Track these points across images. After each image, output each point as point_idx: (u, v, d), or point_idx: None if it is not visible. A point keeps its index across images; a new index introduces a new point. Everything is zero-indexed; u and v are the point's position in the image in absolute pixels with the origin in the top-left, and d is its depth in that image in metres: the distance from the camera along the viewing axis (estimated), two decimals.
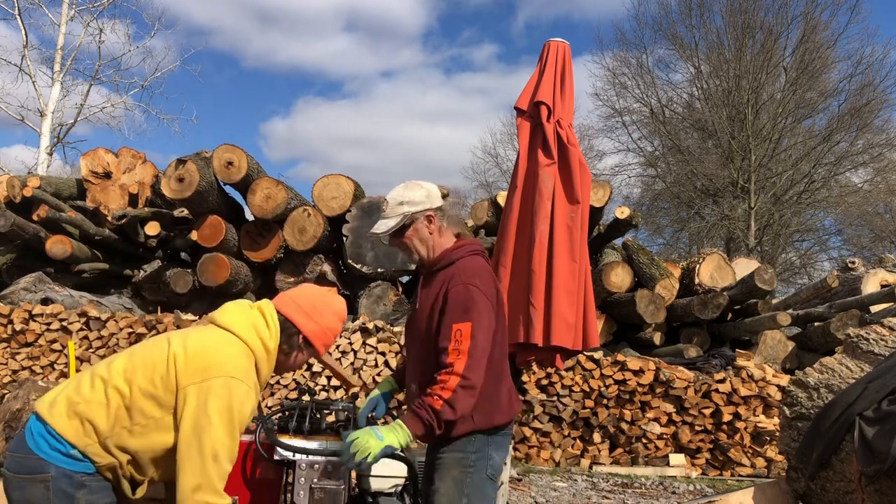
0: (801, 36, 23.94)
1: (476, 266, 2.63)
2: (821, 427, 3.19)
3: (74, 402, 2.04)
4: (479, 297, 2.52)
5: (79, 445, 2.00)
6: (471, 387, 2.42)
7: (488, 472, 2.63)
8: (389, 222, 2.64)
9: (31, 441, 2.01)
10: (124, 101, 20.48)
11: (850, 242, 25.84)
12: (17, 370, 7.61)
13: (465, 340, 2.44)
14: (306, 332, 2.31)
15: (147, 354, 2.11)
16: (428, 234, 2.66)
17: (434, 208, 2.66)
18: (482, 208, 9.62)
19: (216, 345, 2.12)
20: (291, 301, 2.34)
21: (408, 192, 2.65)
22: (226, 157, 8.82)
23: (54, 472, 1.98)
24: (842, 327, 8.24)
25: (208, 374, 2.05)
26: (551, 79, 4.15)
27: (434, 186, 2.74)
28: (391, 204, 2.65)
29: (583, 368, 7.30)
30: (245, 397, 2.08)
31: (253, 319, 2.22)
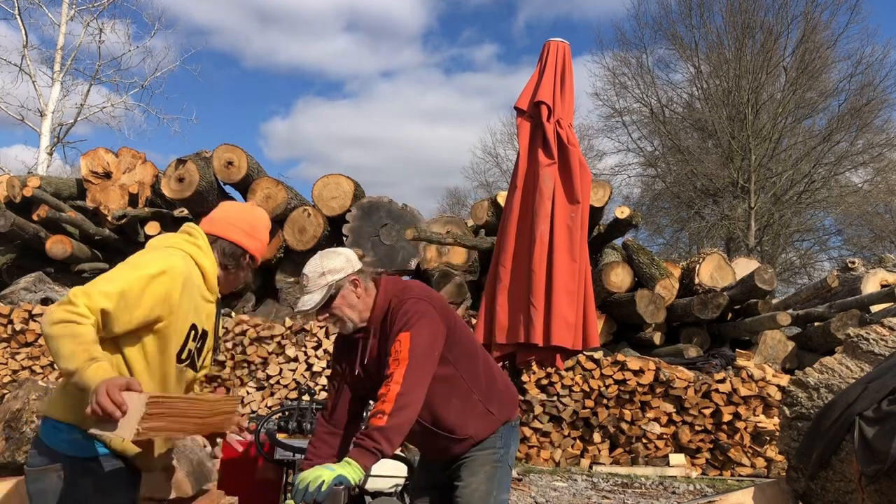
0: (801, 36, 23.94)
1: (410, 284, 2.63)
2: (821, 427, 3.19)
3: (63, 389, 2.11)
4: (417, 306, 2.49)
5: (76, 422, 2.03)
6: (410, 395, 2.34)
7: (510, 462, 2.71)
8: (315, 297, 2.54)
9: (42, 435, 2.11)
10: (124, 101, 20.50)
11: (850, 242, 25.84)
12: (17, 370, 7.61)
13: (403, 349, 2.40)
14: (253, 251, 2.40)
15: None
16: (356, 298, 2.59)
17: (356, 271, 2.59)
18: (482, 208, 9.61)
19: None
20: (229, 224, 2.36)
21: (327, 262, 2.57)
22: (226, 156, 8.82)
23: (64, 461, 2.05)
24: (842, 327, 8.23)
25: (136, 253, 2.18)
26: (551, 79, 4.15)
27: (350, 251, 2.68)
28: (312, 278, 2.55)
29: (583, 368, 7.30)
30: (157, 252, 2.16)
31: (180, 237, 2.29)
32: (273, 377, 7.39)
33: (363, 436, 2.29)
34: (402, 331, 2.43)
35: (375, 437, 2.25)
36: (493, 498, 2.62)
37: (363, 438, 2.28)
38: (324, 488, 2.17)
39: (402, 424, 2.31)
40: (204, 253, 2.28)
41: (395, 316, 2.51)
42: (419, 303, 2.51)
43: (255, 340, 7.55)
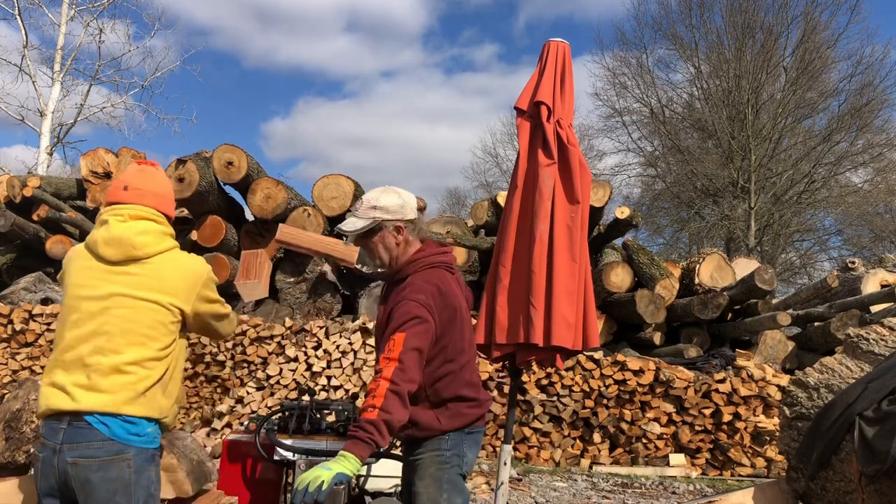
0: (801, 36, 23.94)
1: (425, 280, 2.61)
2: (821, 427, 3.19)
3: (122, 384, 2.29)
4: (416, 309, 2.51)
5: (153, 415, 2.34)
6: (398, 392, 2.38)
7: (464, 468, 2.68)
8: (358, 223, 2.65)
9: (105, 430, 2.26)
10: (124, 101, 20.51)
11: (850, 242, 25.84)
12: (17, 370, 7.61)
13: (396, 348, 2.44)
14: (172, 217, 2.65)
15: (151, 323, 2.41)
16: (394, 244, 2.65)
17: (405, 220, 2.64)
18: (482, 208, 9.61)
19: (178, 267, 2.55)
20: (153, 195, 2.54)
21: (383, 198, 2.64)
22: (226, 157, 8.82)
23: (134, 452, 2.28)
24: (842, 327, 8.24)
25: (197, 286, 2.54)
26: (551, 79, 4.14)
27: (412, 197, 2.72)
28: (364, 205, 2.64)
29: (583, 368, 7.30)
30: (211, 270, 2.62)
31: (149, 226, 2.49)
32: (273, 377, 7.39)
33: (356, 427, 2.33)
34: (399, 330, 2.46)
35: (368, 428, 2.31)
36: (442, 499, 2.60)
37: (356, 430, 2.32)
38: (324, 487, 2.19)
39: (391, 419, 2.35)
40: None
41: (403, 295, 2.55)
42: (421, 308, 2.52)
43: (255, 340, 7.55)
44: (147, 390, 2.32)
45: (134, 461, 2.28)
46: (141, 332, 2.34)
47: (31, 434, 4.66)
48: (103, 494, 2.24)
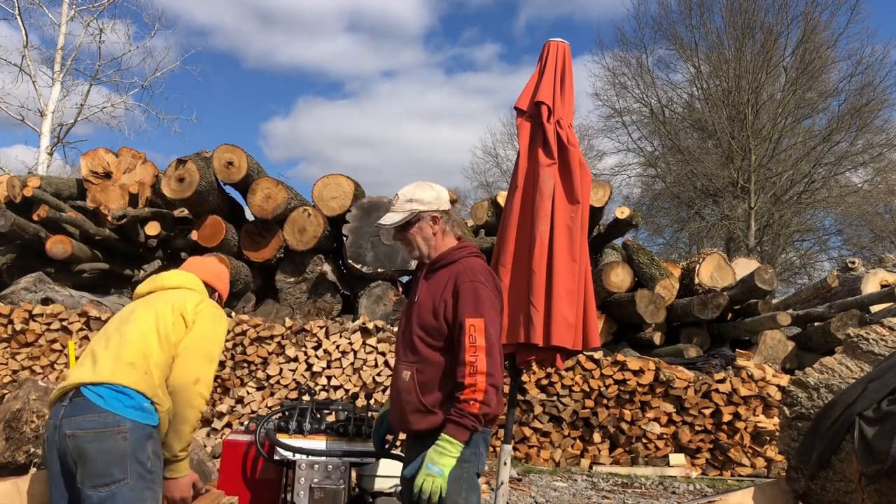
0: (801, 36, 23.93)
1: (480, 266, 2.73)
2: (821, 427, 3.19)
3: (130, 362, 2.44)
4: (488, 296, 2.63)
5: (148, 394, 2.42)
6: (496, 385, 2.54)
7: (479, 467, 2.72)
8: (395, 216, 2.76)
9: (101, 402, 2.35)
10: (124, 101, 20.50)
11: (850, 242, 25.83)
12: (17, 370, 7.61)
13: (479, 337, 2.54)
14: (222, 292, 3.06)
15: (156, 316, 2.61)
16: (431, 233, 2.77)
17: (441, 210, 2.78)
18: (482, 208, 9.61)
19: (195, 293, 2.79)
20: (206, 271, 3.00)
21: (418, 191, 2.78)
22: (226, 157, 8.82)
23: (130, 425, 2.35)
24: (842, 327, 8.24)
25: (201, 305, 2.68)
26: (551, 79, 4.14)
27: (444, 190, 2.85)
28: (401, 199, 2.77)
29: (583, 368, 7.30)
30: (221, 319, 2.74)
31: (191, 278, 2.90)
32: (273, 377, 7.38)
33: (459, 413, 2.50)
34: (477, 316, 2.56)
35: (471, 419, 2.50)
36: (461, 498, 2.63)
37: (461, 416, 2.50)
38: (444, 494, 2.48)
39: (489, 412, 2.53)
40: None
41: (463, 282, 2.63)
42: (490, 294, 2.65)
43: (255, 340, 7.54)
44: (153, 368, 2.46)
45: (130, 434, 2.34)
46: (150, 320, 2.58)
47: (31, 434, 4.66)
48: (98, 466, 2.29)
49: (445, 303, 2.63)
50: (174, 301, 2.67)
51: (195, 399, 2.51)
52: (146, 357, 2.46)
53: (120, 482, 2.29)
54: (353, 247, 8.81)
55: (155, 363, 2.48)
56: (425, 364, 2.63)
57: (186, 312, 2.63)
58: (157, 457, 2.44)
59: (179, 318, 2.61)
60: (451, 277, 2.67)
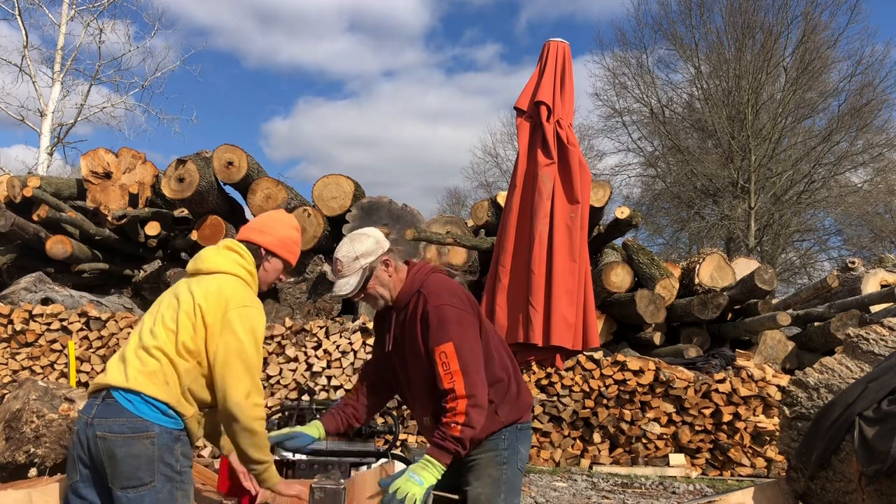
0: (801, 36, 23.92)
1: (438, 283, 2.69)
2: (821, 427, 3.19)
3: (148, 372, 2.41)
4: (451, 313, 2.58)
5: (171, 402, 2.40)
6: (478, 404, 2.50)
7: (519, 465, 2.72)
8: (351, 280, 2.67)
9: (131, 407, 2.38)
10: (124, 101, 20.50)
11: (850, 242, 25.83)
12: (17, 370, 7.61)
13: (451, 361, 2.49)
14: (265, 245, 2.67)
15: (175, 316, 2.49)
16: (388, 277, 2.71)
17: (386, 251, 2.72)
18: (482, 208, 9.61)
19: (220, 286, 2.53)
20: (247, 228, 2.73)
21: (358, 246, 2.68)
22: (226, 157, 8.82)
23: (158, 430, 2.38)
24: (842, 327, 8.23)
25: (228, 308, 2.47)
26: (551, 79, 4.15)
27: (377, 230, 2.79)
28: (346, 262, 2.67)
29: (583, 368, 7.30)
30: (258, 317, 2.53)
31: (229, 255, 2.62)
32: (273, 377, 7.39)
33: (442, 437, 2.47)
34: (444, 341, 2.52)
35: (454, 442, 2.47)
36: (500, 500, 2.63)
37: (443, 440, 2.47)
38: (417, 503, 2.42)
39: (475, 434, 2.51)
40: (253, 277, 2.64)
41: (426, 310, 2.60)
42: (454, 310, 2.59)
43: None
44: (169, 377, 2.43)
45: (158, 439, 2.37)
46: (170, 324, 2.48)
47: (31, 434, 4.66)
48: (126, 469, 2.35)
49: (423, 336, 2.60)
50: (197, 299, 2.49)
51: (254, 411, 2.45)
52: (164, 367, 2.43)
53: (147, 485, 2.36)
54: None
55: (173, 373, 2.44)
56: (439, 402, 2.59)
57: (207, 315, 2.47)
58: (187, 457, 2.47)
59: (200, 323, 2.46)
60: (416, 307, 2.64)
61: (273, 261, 2.69)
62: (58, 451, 4.62)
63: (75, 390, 5.14)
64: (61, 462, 4.60)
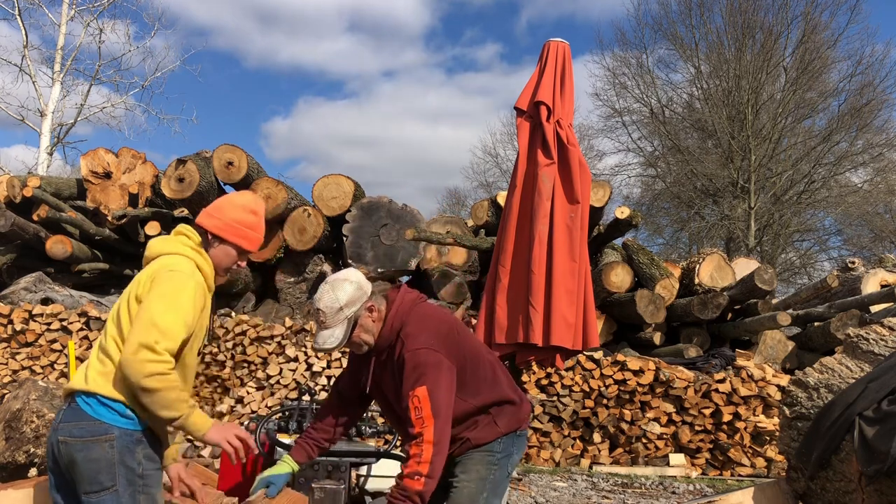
0: (801, 36, 23.92)
1: (418, 322, 2.62)
2: (821, 427, 3.19)
3: (105, 373, 2.33)
4: (426, 357, 2.52)
5: (128, 402, 2.31)
6: (441, 451, 2.46)
7: (509, 469, 2.72)
8: (336, 332, 2.57)
9: (90, 410, 2.31)
10: (124, 101, 20.50)
11: (850, 242, 25.82)
12: (17, 370, 7.61)
13: (424, 406, 2.45)
14: (209, 228, 2.51)
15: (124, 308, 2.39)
16: (371, 323, 2.61)
17: (369, 297, 2.61)
18: (482, 208, 9.61)
19: (156, 267, 2.42)
20: (202, 211, 2.57)
21: (342, 295, 2.56)
22: (226, 157, 8.82)
23: (117, 433, 2.30)
24: (842, 327, 8.23)
25: (155, 276, 2.37)
26: (551, 79, 4.15)
27: (356, 272, 2.67)
28: (329, 313, 2.55)
29: (583, 368, 7.30)
30: (185, 285, 2.35)
31: (173, 238, 2.52)
32: (273, 377, 7.39)
33: (404, 496, 2.39)
34: (417, 385, 2.47)
35: (415, 500, 2.39)
36: (482, 498, 2.62)
37: (404, 497, 2.39)
38: None
39: (435, 480, 2.45)
40: (203, 256, 2.49)
41: (402, 355, 2.54)
42: (429, 353, 2.53)
43: (255, 340, 7.55)
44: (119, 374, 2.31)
45: (117, 441, 2.30)
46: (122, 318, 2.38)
47: (31, 434, 4.66)
48: (87, 473, 2.29)
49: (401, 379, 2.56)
50: (134, 287, 2.40)
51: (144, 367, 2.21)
52: (115, 367, 2.32)
53: (108, 489, 2.29)
54: (353, 247, 8.81)
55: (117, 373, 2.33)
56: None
57: (141, 296, 2.34)
58: (151, 459, 2.38)
59: (136, 307, 2.34)
60: (395, 351, 2.59)
61: (221, 246, 2.52)
62: None
63: None
64: None
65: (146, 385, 2.22)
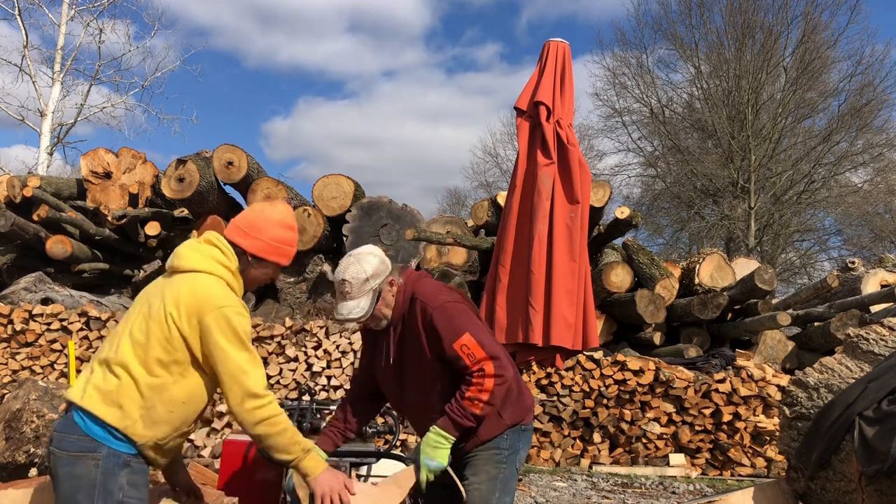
0: (801, 36, 23.93)
1: (430, 287, 2.68)
2: (821, 427, 3.19)
3: (105, 391, 2.25)
4: (453, 309, 2.59)
5: (120, 427, 2.22)
6: (505, 383, 2.53)
7: (517, 465, 2.73)
8: (362, 303, 2.59)
9: (82, 424, 2.23)
10: (124, 101, 20.50)
11: (850, 242, 25.83)
12: (17, 370, 7.60)
13: (476, 350, 2.49)
14: (250, 250, 2.44)
15: (145, 327, 2.31)
16: (391, 297, 2.65)
17: (391, 271, 2.66)
18: (482, 208, 9.61)
19: (194, 289, 2.32)
20: (233, 225, 2.49)
21: (367, 267, 2.59)
22: (226, 156, 8.82)
23: (105, 452, 2.21)
24: (842, 327, 8.23)
25: (202, 315, 2.28)
26: (551, 79, 4.15)
27: (378, 250, 2.70)
28: (355, 284, 2.57)
29: (583, 368, 7.30)
30: (238, 316, 2.32)
31: (207, 251, 2.41)
32: (273, 377, 7.39)
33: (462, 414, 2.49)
34: (459, 334, 2.51)
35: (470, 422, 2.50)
36: (494, 498, 2.63)
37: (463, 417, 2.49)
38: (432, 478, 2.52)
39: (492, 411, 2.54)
40: (235, 276, 2.43)
41: (428, 314, 2.57)
42: (456, 305, 2.60)
43: (255, 340, 7.54)
44: (125, 399, 2.24)
45: (103, 462, 2.21)
46: (139, 336, 2.29)
47: (31, 434, 4.66)
48: (66, 490, 2.21)
49: (429, 341, 2.58)
50: (168, 307, 2.29)
51: (252, 416, 2.32)
52: (123, 386, 2.24)
53: None
54: (353, 247, 8.80)
55: (134, 393, 2.24)
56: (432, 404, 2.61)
57: (181, 324, 2.28)
58: (134, 486, 2.25)
59: (175, 333, 2.27)
60: (415, 316, 2.62)
61: (261, 265, 2.47)
62: None
63: None
64: None
65: (257, 432, 2.32)
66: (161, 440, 2.31)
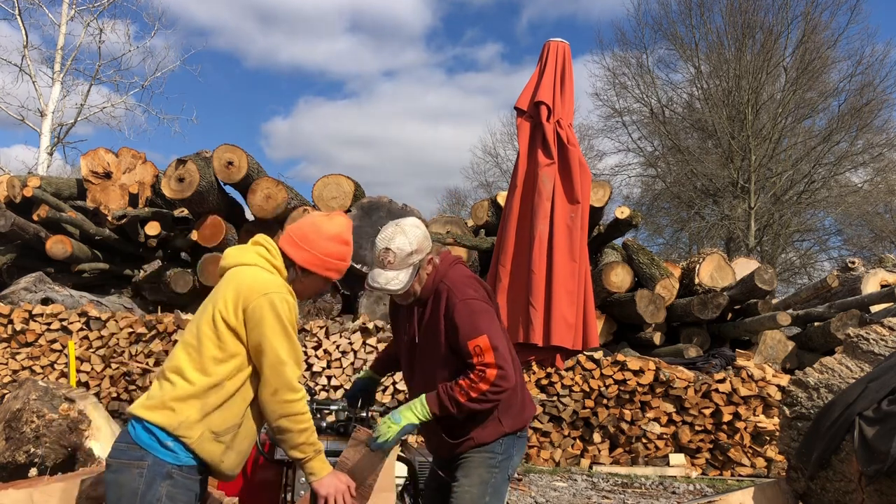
0: (801, 36, 23.92)
1: (462, 277, 2.63)
2: (821, 427, 3.19)
3: (158, 397, 2.24)
4: (479, 307, 2.55)
5: (169, 428, 2.20)
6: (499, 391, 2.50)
7: (509, 471, 2.71)
8: (401, 276, 2.53)
9: (132, 432, 2.23)
10: (124, 101, 20.50)
11: (850, 242, 25.83)
12: (17, 370, 7.60)
13: (486, 354, 2.46)
14: (299, 262, 2.38)
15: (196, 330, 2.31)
16: (426, 276, 2.61)
17: (431, 250, 2.61)
18: (482, 208, 9.61)
19: (239, 280, 2.30)
20: (286, 234, 2.43)
21: (412, 240, 2.53)
22: (226, 156, 8.82)
23: (150, 461, 2.19)
24: (842, 327, 8.23)
25: (247, 303, 2.24)
26: (551, 79, 4.15)
27: (420, 222, 2.65)
28: (399, 255, 2.50)
29: (583, 368, 7.30)
30: (283, 303, 2.26)
31: (254, 249, 2.39)
32: None
33: (449, 396, 2.47)
34: (478, 335, 2.48)
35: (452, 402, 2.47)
36: (484, 503, 2.61)
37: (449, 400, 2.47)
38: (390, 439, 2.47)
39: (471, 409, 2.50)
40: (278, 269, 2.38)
41: (452, 304, 2.55)
42: (480, 303, 2.56)
43: None
44: (177, 402, 2.22)
45: (147, 471, 2.18)
46: (191, 340, 2.29)
47: (31, 434, 4.66)
48: (111, 497, 2.20)
49: (447, 329, 2.56)
50: (218, 306, 2.27)
51: (281, 408, 2.25)
52: (176, 388, 2.23)
53: None
54: (353, 247, 8.80)
55: (179, 395, 2.22)
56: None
57: (228, 318, 2.25)
58: (172, 499, 2.20)
59: (224, 329, 2.25)
60: (438, 303, 2.58)
61: (309, 278, 2.40)
62: (58, 451, 4.62)
63: (75, 390, 5.14)
64: (61, 462, 4.60)
65: (279, 425, 2.27)
66: (217, 432, 2.25)
